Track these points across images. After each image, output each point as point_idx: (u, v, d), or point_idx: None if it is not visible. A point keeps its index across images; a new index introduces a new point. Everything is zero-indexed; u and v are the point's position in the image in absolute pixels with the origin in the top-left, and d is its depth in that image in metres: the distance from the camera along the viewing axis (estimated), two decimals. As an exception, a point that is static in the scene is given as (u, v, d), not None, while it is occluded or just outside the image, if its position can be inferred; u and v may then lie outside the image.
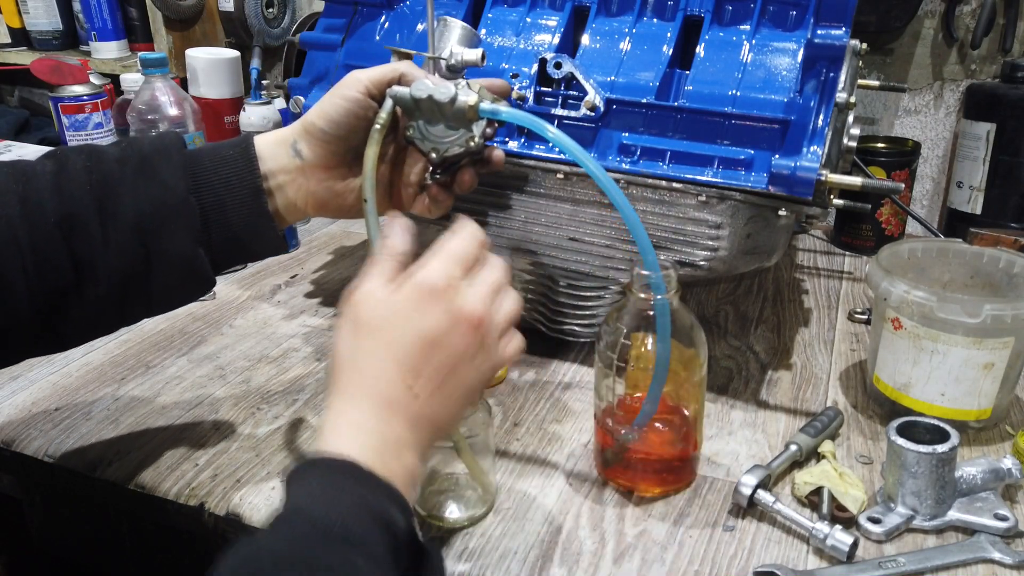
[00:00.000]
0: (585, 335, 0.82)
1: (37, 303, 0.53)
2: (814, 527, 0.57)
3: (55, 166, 0.55)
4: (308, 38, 0.85)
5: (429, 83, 0.58)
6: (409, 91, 0.58)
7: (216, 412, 0.74)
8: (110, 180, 0.54)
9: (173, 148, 0.57)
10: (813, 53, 0.68)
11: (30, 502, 0.76)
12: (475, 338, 0.48)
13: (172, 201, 0.55)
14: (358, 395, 0.46)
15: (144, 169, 0.55)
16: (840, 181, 0.65)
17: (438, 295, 0.47)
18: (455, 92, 0.57)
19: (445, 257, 0.49)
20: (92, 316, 0.56)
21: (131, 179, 0.55)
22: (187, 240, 0.56)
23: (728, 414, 0.74)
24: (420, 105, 0.58)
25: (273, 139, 0.60)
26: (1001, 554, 0.56)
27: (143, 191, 0.55)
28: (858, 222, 1.13)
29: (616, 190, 0.52)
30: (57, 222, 0.53)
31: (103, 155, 0.56)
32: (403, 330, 0.46)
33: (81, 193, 0.54)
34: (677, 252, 0.73)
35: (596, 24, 0.78)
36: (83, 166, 0.54)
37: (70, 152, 0.56)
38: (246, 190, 0.58)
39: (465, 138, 0.59)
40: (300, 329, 0.90)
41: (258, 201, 0.58)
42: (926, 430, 0.60)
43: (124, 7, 1.43)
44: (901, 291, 0.67)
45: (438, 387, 0.47)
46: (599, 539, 0.58)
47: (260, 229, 0.59)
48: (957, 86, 1.18)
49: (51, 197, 0.53)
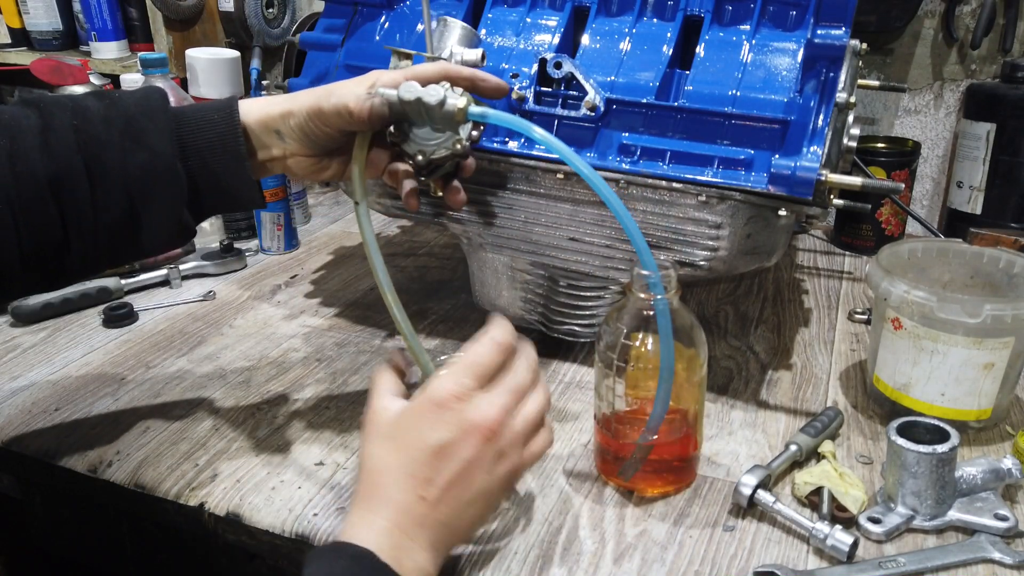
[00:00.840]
0: (585, 335, 0.82)
1: (27, 256, 0.55)
2: (814, 527, 0.57)
3: (40, 121, 0.55)
4: (308, 38, 0.85)
5: (417, 85, 0.58)
6: (397, 93, 0.58)
7: (216, 412, 0.74)
8: (98, 142, 0.55)
9: (159, 110, 0.58)
10: (813, 53, 0.67)
11: (30, 502, 0.76)
12: (487, 446, 0.50)
13: (160, 167, 0.57)
14: (375, 501, 0.49)
15: (131, 132, 0.56)
16: (840, 181, 0.65)
17: (447, 406, 0.50)
18: (444, 95, 0.57)
19: (459, 369, 0.51)
20: (81, 266, 0.59)
21: (118, 142, 0.56)
22: (175, 204, 0.58)
23: (728, 414, 0.74)
24: (408, 107, 0.58)
25: (257, 117, 0.60)
26: (1001, 554, 0.56)
27: (131, 156, 0.56)
28: (858, 222, 1.13)
29: (608, 190, 0.53)
30: (47, 182, 0.54)
31: (88, 114, 0.56)
32: (413, 441, 0.50)
33: (69, 154, 0.55)
34: (677, 252, 0.73)
35: (596, 24, 0.78)
36: (70, 124, 0.55)
37: (53, 106, 0.56)
38: (230, 155, 0.59)
39: (452, 141, 0.59)
40: (300, 329, 0.90)
41: (242, 167, 0.60)
42: (926, 430, 0.60)
43: (124, 7, 1.43)
44: (901, 291, 0.67)
45: (449, 494, 0.49)
46: (599, 539, 0.58)
47: (243, 191, 0.61)
48: (957, 86, 1.18)
49: (40, 156, 0.54)
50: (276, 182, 1.08)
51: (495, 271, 0.83)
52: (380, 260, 0.57)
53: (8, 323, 0.92)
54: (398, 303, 0.57)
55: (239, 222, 1.17)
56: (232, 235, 1.16)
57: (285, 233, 1.12)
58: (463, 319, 0.91)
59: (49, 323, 0.92)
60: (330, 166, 0.64)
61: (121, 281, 0.98)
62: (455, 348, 0.54)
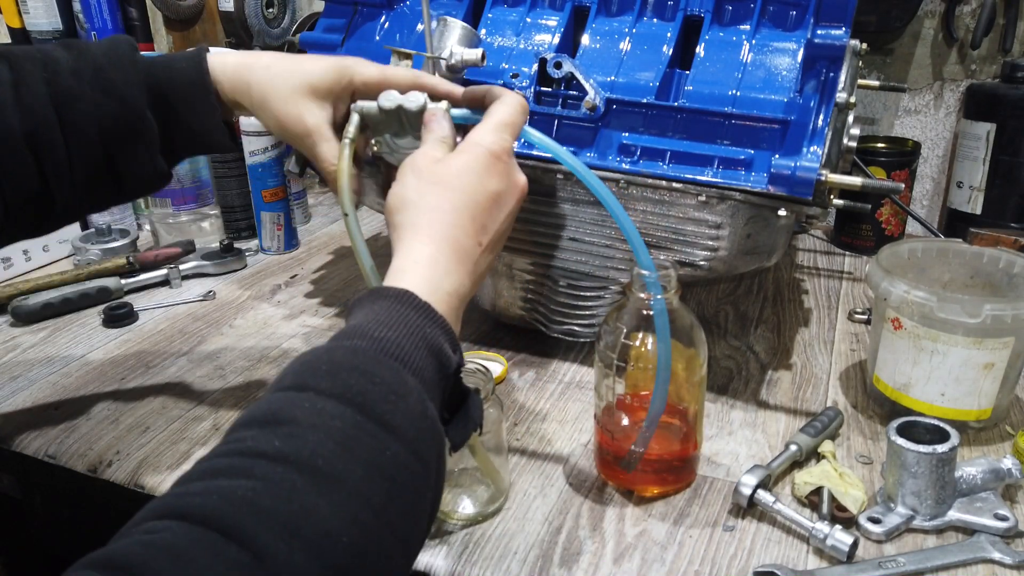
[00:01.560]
0: (585, 335, 0.82)
1: (10, 207, 0.56)
2: (814, 527, 0.57)
3: (11, 75, 0.56)
4: (308, 38, 0.85)
5: (396, 94, 0.57)
6: (376, 104, 0.58)
7: (216, 412, 0.74)
8: (69, 95, 0.56)
9: (126, 60, 0.58)
10: (813, 53, 0.67)
11: (30, 502, 0.76)
12: (519, 204, 0.55)
13: (131, 117, 0.58)
14: (435, 237, 0.49)
15: (100, 82, 0.57)
16: (840, 181, 0.65)
17: (502, 159, 0.53)
18: (424, 101, 0.57)
19: (500, 125, 0.54)
20: (64, 213, 0.60)
21: (89, 94, 0.57)
22: (147, 152, 0.59)
23: (728, 414, 0.74)
24: (389, 117, 0.58)
25: (230, 78, 0.60)
26: (1001, 554, 0.56)
27: (103, 107, 0.57)
28: (858, 222, 1.13)
29: (604, 188, 0.54)
30: (22, 137, 0.55)
31: (58, 66, 0.57)
32: (475, 187, 0.51)
33: (43, 108, 0.55)
34: (677, 252, 0.73)
35: (596, 24, 0.78)
36: (41, 78, 0.56)
37: (23, 59, 0.56)
38: (199, 102, 0.59)
39: None
40: (300, 329, 0.90)
41: (212, 114, 0.60)
42: (926, 430, 0.60)
43: (124, 7, 1.43)
44: (901, 291, 0.67)
45: (495, 243, 0.53)
46: (599, 539, 0.58)
47: (215, 136, 0.61)
48: (957, 86, 1.18)
49: (13, 112, 0.55)
50: (276, 182, 1.09)
51: (495, 271, 0.83)
52: (372, 266, 0.56)
53: (8, 323, 0.92)
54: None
55: (239, 222, 1.17)
56: (232, 235, 1.16)
57: (285, 233, 1.12)
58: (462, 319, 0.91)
59: (49, 323, 0.92)
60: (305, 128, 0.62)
61: (121, 281, 0.98)
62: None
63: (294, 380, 0.39)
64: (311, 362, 0.40)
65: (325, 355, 0.41)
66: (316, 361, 0.40)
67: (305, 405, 0.37)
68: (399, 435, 0.38)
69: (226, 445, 0.37)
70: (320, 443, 0.36)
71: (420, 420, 0.40)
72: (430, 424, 0.41)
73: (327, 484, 0.35)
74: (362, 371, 0.40)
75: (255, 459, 0.35)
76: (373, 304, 0.45)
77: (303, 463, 0.35)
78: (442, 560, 0.56)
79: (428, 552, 0.57)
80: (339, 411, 0.37)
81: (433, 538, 0.58)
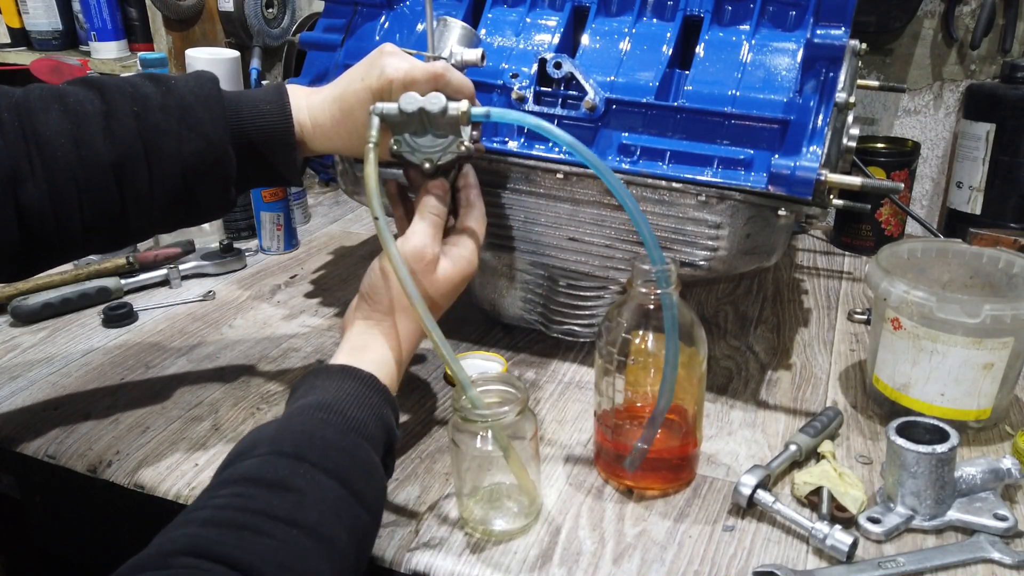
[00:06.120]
0: (585, 335, 0.82)
1: (88, 227, 0.60)
2: (814, 527, 0.57)
3: (103, 107, 0.59)
4: (308, 38, 0.85)
5: (416, 96, 0.59)
6: (397, 106, 0.59)
7: (216, 412, 0.74)
8: (157, 130, 0.59)
9: (213, 99, 0.62)
10: (813, 53, 0.67)
11: (30, 502, 0.76)
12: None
13: (215, 154, 0.61)
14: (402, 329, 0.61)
15: (187, 120, 0.60)
16: (840, 181, 0.65)
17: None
18: (445, 101, 0.58)
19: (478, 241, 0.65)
20: (137, 234, 0.64)
21: (176, 130, 0.60)
22: (225, 184, 0.63)
23: (728, 414, 0.74)
24: (409, 118, 0.59)
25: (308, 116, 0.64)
26: (1001, 554, 0.56)
27: (188, 144, 0.60)
28: (858, 222, 1.13)
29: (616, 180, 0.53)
30: (110, 166, 0.58)
31: (147, 101, 0.60)
32: (450, 295, 0.63)
33: (131, 140, 0.59)
34: (677, 252, 0.73)
35: (596, 24, 0.78)
36: (131, 111, 0.59)
37: (115, 91, 0.59)
38: (280, 144, 0.63)
39: (455, 144, 0.61)
40: (300, 329, 0.90)
41: (290, 155, 0.64)
42: (926, 430, 0.60)
43: (124, 7, 1.43)
44: (901, 291, 0.67)
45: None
46: (599, 539, 0.58)
47: (289, 173, 0.66)
48: (957, 86, 1.18)
49: (104, 141, 0.58)
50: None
51: (495, 271, 0.83)
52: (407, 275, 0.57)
53: (8, 323, 0.92)
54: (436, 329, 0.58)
55: (239, 222, 1.17)
56: (232, 235, 1.16)
57: (285, 233, 1.12)
58: (463, 319, 0.91)
59: (49, 323, 0.92)
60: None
61: (121, 281, 0.98)
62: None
63: (293, 449, 0.49)
64: (307, 433, 0.50)
65: (319, 435, 0.50)
66: (311, 435, 0.50)
67: (306, 476, 0.47)
68: (367, 505, 0.50)
69: (239, 498, 0.45)
70: (321, 513, 0.46)
71: (381, 490, 0.53)
72: (383, 487, 0.54)
73: (326, 547, 0.45)
74: (345, 450, 0.50)
75: (274, 522, 0.44)
76: (343, 383, 0.55)
77: (311, 529, 0.45)
78: (442, 560, 0.56)
79: (429, 552, 0.57)
80: (330, 484, 0.48)
81: (433, 538, 0.58)
